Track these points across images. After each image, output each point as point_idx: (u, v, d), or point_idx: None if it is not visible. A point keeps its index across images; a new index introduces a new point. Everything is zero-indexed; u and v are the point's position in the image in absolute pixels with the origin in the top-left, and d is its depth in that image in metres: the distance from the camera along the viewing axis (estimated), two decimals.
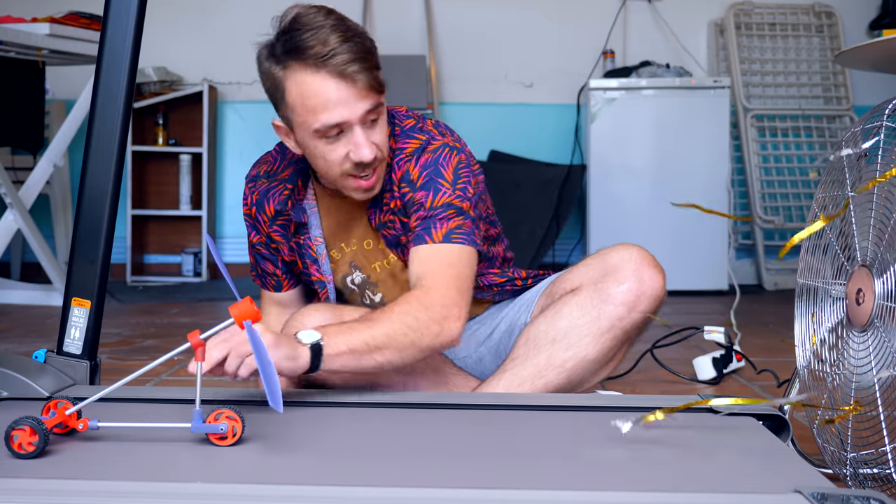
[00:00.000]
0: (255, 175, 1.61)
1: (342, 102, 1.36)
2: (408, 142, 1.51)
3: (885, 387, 1.17)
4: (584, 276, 1.51)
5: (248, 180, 1.62)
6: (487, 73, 4.57)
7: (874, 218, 1.22)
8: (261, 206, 1.59)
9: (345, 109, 1.36)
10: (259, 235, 1.62)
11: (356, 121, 1.37)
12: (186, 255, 4.51)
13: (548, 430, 1.20)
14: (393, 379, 1.49)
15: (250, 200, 1.60)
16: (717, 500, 0.92)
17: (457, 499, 0.92)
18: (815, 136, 4.51)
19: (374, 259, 1.59)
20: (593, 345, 1.47)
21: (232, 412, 1.08)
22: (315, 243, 1.58)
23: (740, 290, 3.24)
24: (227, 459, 1.04)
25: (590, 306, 1.47)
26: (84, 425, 1.08)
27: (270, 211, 1.58)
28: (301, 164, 1.56)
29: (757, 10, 4.57)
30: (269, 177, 1.59)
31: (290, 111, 1.40)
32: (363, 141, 1.38)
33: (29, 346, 2.51)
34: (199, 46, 4.60)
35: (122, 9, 1.42)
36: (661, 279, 1.48)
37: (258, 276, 1.67)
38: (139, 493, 0.91)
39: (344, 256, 1.60)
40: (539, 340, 1.48)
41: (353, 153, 1.39)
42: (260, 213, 1.59)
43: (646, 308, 1.47)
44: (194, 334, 1.08)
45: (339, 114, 1.36)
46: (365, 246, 1.59)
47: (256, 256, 1.65)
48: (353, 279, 1.61)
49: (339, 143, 1.39)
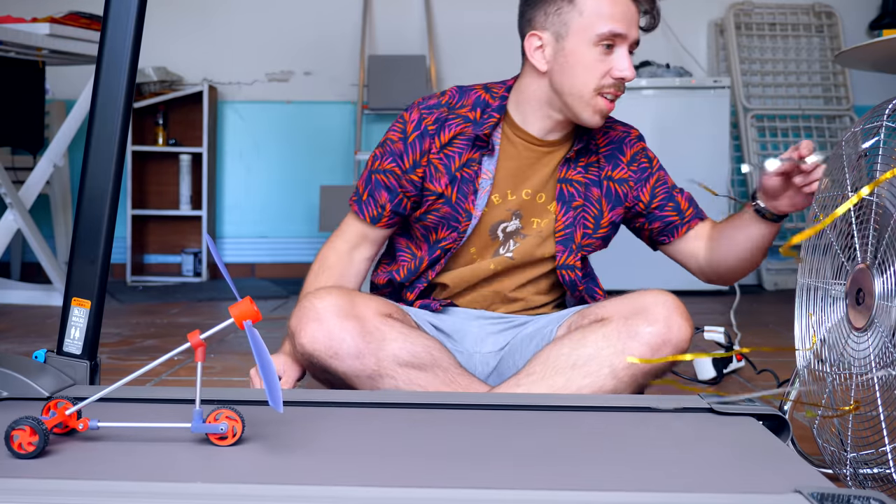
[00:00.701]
0: (434, 103, 1.64)
1: (629, 20, 1.51)
2: (618, 127, 1.70)
3: (884, 387, 1.17)
4: (615, 309, 1.51)
5: (422, 106, 1.64)
6: (487, 73, 4.54)
7: (874, 218, 1.22)
8: (435, 132, 1.61)
9: (630, 27, 1.51)
10: (398, 163, 1.62)
11: (631, 40, 1.52)
12: (186, 255, 4.51)
13: (548, 430, 1.20)
14: (397, 373, 1.49)
15: (419, 124, 1.62)
16: (717, 500, 0.92)
17: (457, 499, 0.92)
18: (815, 136, 4.51)
19: (537, 214, 1.63)
20: (611, 378, 1.46)
21: (232, 412, 1.08)
22: (484, 176, 1.61)
23: (740, 290, 3.24)
24: (227, 459, 1.04)
25: (616, 339, 1.46)
26: (84, 425, 1.08)
27: (445, 137, 1.61)
28: (487, 105, 1.62)
29: (757, 10, 4.57)
30: (449, 108, 1.63)
31: (578, 13, 1.51)
32: (630, 60, 1.52)
33: (29, 346, 2.51)
34: (199, 46, 4.60)
35: (122, 9, 1.42)
36: (689, 330, 1.48)
37: (361, 201, 1.67)
38: (139, 493, 0.91)
39: (505, 203, 1.62)
40: (559, 363, 1.47)
41: (618, 69, 1.51)
42: (426, 139, 1.61)
43: (668, 354, 1.46)
44: (194, 334, 1.08)
45: (626, 27, 1.50)
46: (536, 199, 1.63)
47: (375, 183, 1.65)
48: (507, 227, 1.63)
49: (607, 58, 1.51)
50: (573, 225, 1.63)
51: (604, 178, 1.65)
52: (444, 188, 1.61)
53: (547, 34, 1.54)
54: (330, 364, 1.48)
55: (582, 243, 1.64)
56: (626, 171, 1.66)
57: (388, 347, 1.48)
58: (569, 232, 1.63)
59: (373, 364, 1.48)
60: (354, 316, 1.49)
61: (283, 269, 4.62)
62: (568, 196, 1.63)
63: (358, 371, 1.48)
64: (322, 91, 4.63)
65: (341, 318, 1.48)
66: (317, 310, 1.48)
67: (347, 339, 1.47)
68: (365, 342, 1.47)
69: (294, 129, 4.67)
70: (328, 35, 4.61)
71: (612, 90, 1.54)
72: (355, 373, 1.48)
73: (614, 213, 1.66)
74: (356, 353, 1.47)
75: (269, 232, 4.69)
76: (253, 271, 4.67)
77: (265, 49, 4.60)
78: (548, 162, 1.63)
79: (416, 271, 1.66)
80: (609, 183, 1.65)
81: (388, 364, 1.48)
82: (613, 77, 1.52)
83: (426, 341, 1.52)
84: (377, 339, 1.48)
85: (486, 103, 1.62)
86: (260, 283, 4.31)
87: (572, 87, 1.54)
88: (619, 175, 1.65)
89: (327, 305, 1.48)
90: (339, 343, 1.47)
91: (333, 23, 4.60)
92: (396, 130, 1.64)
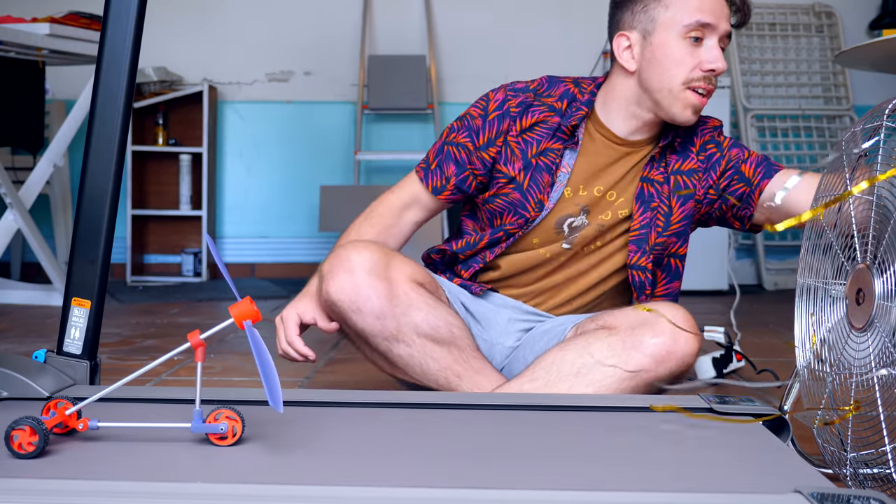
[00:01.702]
0: (522, 87, 1.63)
1: (717, 12, 1.51)
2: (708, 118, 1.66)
3: (885, 387, 1.17)
4: (622, 319, 1.50)
5: (509, 88, 1.63)
6: (487, 73, 4.56)
7: (874, 218, 1.22)
8: (518, 115, 1.60)
9: (719, 19, 1.51)
10: (473, 138, 1.62)
11: (721, 32, 1.52)
12: (186, 255, 4.51)
13: (548, 430, 1.20)
14: (414, 342, 1.51)
15: (503, 105, 1.61)
16: (717, 500, 0.92)
17: (457, 499, 0.92)
18: (815, 136, 4.51)
19: (605, 211, 1.62)
20: (614, 388, 1.45)
21: (232, 412, 1.08)
22: (563, 169, 1.61)
23: (740, 290, 3.24)
24: (227, 459, 1.04)
25: (620, 349, 1.45)
26: (84, 425, 1.08)
27: (528, 122, 1.60)
28: (575, 98, 1.61)
29: (757, 10, 4.57)
30: (536, 94, 1.62)
31: (664, 7, 1.52)
32: (719, 52, 1.52)
33: (29, 346, 2.51)
34: (199, 46, 4.60)
35: (122, 9, 1.42)
36: (695, 344, 1.46)
37: (428, 170, 1.66)
38: (139, 493, 0.91)
39: (575, 198, 1.62)
40: (563, 369, 1.47)
41: (708, 61, 1.51)
42: (506, 119, 1.60)
43: (673, 368, 1.45)
44: (194, 334, 1.08)
45: (714, 18, 1.50)
46: (607, 197, 1.62)
47: (446, 154, 1.64)
48: (574, 222, 1.62)
49: (697, 50, 1.51)
50: (649, 226, 1.61)
51: (671, 172, 1.62)
52: (517, 173, 1.60)
53: (634, 33, 1.55)
54: (351, 317, 1.50)
55: (655, 242, 1.62)
56: (696, 160, 1.63)
57: (411, 315, 1.50)
58: (644, 233, 1.61)
59: (392, 328, 1.49)
60: (386, 277, 1.50)
61: (284, 270, 4.62)
62: (647, 196, 1.61)
63: (377, 331, 1.50)
64: (322, 91, 4.62)
65: (373, 276, 1.48)
66: (351, 261, 1.49)
67: (373, 298, 1.48)
68: (390, 305, 1.49)
69: (294, 129, 4.67)
70: (328, 35, 4.61)
71: (703, 84, 1.52)
72: (374, 332, 1.50)
73: (685, 209, 1.62)
74: (379, 314, 1.49)
75: (270, 232, 4.69)
76: (253, 271, 4.67)
77: (265, 49, 4.60)
78: (627, 162, 1.62)
79: (474, 246, 1.65)
80: (677, 177, 1.62)
81: (407, 331, 1.50)
82: (703, 70, 1.51)
83: (450, 318, 1.53)
84: (403, 304, 1.50)
85: (573, 97, 1.62)
86: (260, 283, 4.31)
87: (661, 81, 1.53)
88: (688, 167, 1.62)
89: (363, 260, 1.49)
90: (364, 300, 1.48)
91: (333, 23, 4.60)
92: (478, 107, 1.64)
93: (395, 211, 1.68)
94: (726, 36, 1.53)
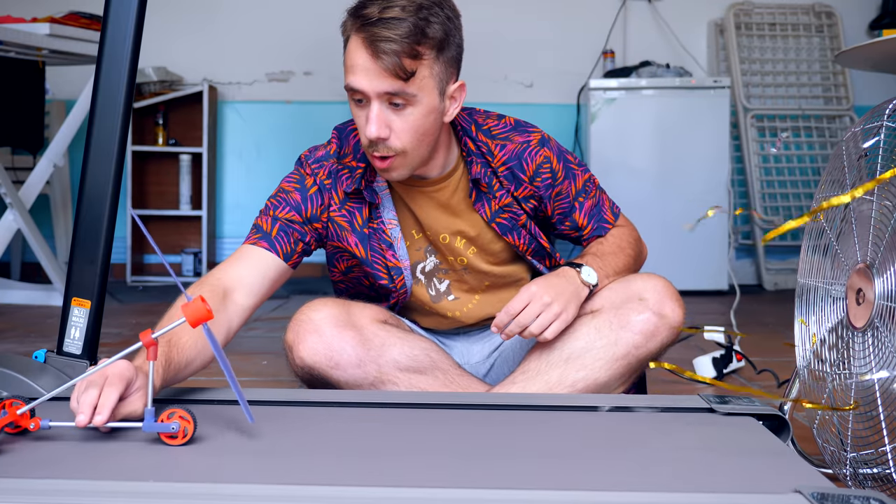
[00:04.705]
0: (323, 155, 1.55)
1: (364, 71, 1.35)
2: (516, 138, 1.54)
3: (884, 387, 1.17)
4: (605, 299, 1.49)
5: (310, 161, 1.54)
6: (487, 73, 4.57)
7: (874, 218, 1.22)
8: (332, 186, 1.52)
9: (364, 79, 1.36)
10: (298, 212, 1.51)
11: (373, 95, 1.36)
12: (186, 255, 4.51)
13: (548, 429, 1.20)
14: (398, 378, 1.49)
15: (315, 179, 1.52)
16: (717, 500, 0.92)
17: (457, 499, 0.92)
18: (815, 136, 4.51)
19: (449, 249, 1.57)
20: (606, 369, 1.45)
21: (185, 412, 1.07)
22: (389, 227, 1.55)
23: (740, 290, 3.24)
24: (227, 459, 1.04)
25: (608, 330, 1.45)
26: (36, 425, 1.07)
27: (341, 194, 1.52)
28: (359, 149, 1.53)
29: (757, 10, 4.57)
30: (338, 157, 1.54)
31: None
32: (372, 117, 1.37)
33: (29, 346, 2.51)
34: (199, 46, 4.60)
35: (122, 9, 1.42)
36: (681, 313, 1.46)
37: (270, 237, 1.50)
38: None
39: (413, 244, 1.58)
40: (553, 358, 1.46)
41: (362, 126, 1.39)
42: (326, 194, 1.52)
43: (663, 339, 1.45)
44: (146, 333, 1.07)
45: (359, 81, 1.36)
46: (441, 240, 1.56)
47: (280, 226, 1.50)
48: (425, 267, 1.59)
49: (363, 112, 1.39)
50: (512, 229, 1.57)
51: (511, 198, 1.55)
52: (354, 247, 1.54)
53: None
54: (331, 375, 1.46)
55: (523, 232, 1.58)
56: (530, 188, 1.55)
57: (388, 353, 1.47)
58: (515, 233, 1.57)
59: (374, 371, 1.46)
60: (352, 325, 1.47)
61: None
62: (509, 224, 1.56)
63: (360, 379, 1.47)
64: (322, 91, 4.62)
65: (339, 328, 1.45)
66: (314, 322, 1.45)
67: (347, 349, 1.45)
68: (365, 350, 1.46)
69: (294, 129, 4.66)
70: (328, 35, 4.57)
71: (370, 147, 1.40)
72: (357, 381, 1.47)
73: (530, 224, 1.58)
74: (357, 362, 1.45)
75: None
76: None
77: (265, 49, 4.60)
78: (443, 196, 1.54)
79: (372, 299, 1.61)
80: (517, 204, 1.56)
81: (388, 370, 1.47)
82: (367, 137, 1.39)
83: (423, 343, 1.52)
84: (377, 345, 1.47)
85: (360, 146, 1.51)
86: None
87: None
88: (522, 194, 1.55)
89: (325, 316, 1.46)
90: (339, 353, 1.45)
91: (333, 23, 4.57)
92: (291, 181, 1.54)
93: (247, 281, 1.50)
94: (389, 95, 1.35)
